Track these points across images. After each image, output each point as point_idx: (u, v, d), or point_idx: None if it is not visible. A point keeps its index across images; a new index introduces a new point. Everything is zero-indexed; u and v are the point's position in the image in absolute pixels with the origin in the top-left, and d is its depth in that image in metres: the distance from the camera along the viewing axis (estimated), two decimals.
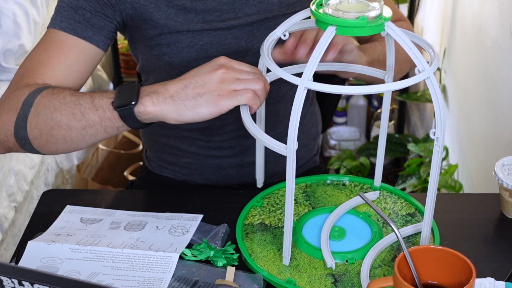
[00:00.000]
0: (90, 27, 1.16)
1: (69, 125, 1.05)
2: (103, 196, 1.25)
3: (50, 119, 1.06)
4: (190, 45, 1.23)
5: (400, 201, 1.19)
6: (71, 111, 1.05)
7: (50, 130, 1.07)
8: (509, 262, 1.06)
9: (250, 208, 1.16)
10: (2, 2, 1.94)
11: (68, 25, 1.15)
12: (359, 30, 0.90)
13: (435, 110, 0.94)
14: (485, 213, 1.18)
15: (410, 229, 1.11)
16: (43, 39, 1.18)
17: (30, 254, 1.04)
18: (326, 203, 1.18)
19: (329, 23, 0.90)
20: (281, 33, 1.02)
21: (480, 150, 1.95)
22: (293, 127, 0.90)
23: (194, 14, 1.21)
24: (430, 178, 0.99)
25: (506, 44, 1.70)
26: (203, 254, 1.05)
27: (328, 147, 3.01)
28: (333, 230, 1.10)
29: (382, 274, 1.02)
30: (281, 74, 0.94)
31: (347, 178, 1.24)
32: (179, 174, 1.42)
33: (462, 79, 2.19)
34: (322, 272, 1.02)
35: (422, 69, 0.92)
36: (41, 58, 1.15)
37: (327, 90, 0.89)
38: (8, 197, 1.75)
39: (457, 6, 2.26)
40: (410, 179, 2.29)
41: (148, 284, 0.99)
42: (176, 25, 1.21)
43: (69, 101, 1.06)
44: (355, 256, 1.05)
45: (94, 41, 1.17)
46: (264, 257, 1.05)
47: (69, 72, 1.15)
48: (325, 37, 0.90)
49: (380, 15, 0.92)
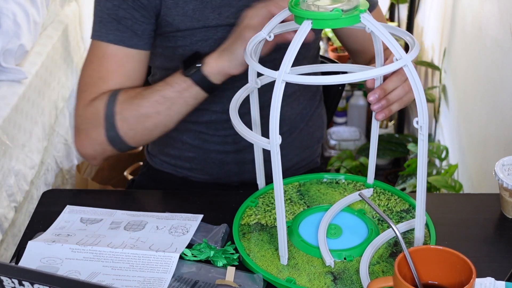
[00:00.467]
0: (134, 35, 1.23)
1: (156, 112, 1.19)
2: (103, 196, 1.25)
3: (139, 116, 1.20)
4: (204, 39, 1.26)
5: (394, 197, 1.19)
6: (153, 99, 1.19)
7: (142, 125, 1.21)
8: (509, 262, 1.06)
9: (245, 208, 1.16)
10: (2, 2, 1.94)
11: (115, 37, 1.22)
12: (334, 22, 0.92)
13: (415, 99, 0.94)
14: (485, 213, 1.18)
15: (404, 226, 1.12)
16: (93, 53, 1.25)
17: (30, 254, 1.04)
18: (320, 202, 1.19)
19: (304, 17, 0.92)
20: (267, 34, 1.03)
21: (480, 150, 1.95)
22: (274, 120, 0.91)
23: (210, 9, 1.24)
24: (417, 169, 1.00)
25: (506, 44, 1.70)
26: (203, 254, 1.05)
27: (328, 147, 3.01)
28: (329, 228, 1.10)
29: (380, 271, 1.02)
30: (260, 69, 0.95)
31: (342, 176, 1.24)
32: (180, 169, 1.42)
33: (462, 79, 2.19)
34: (321, 270, 1.03)
35: (399, 57, 0.92)
36: (101, 74, 1.24)
37: (304, 81, 0.91)
38: (8, 197, 1.75)
39: (457, 6, 2.26)
40: (410, 179, 2.29)
41: (148, 284, 0.99)
42: (193, 22, 1.24)
43: (147, 94, 1.19)
44: (353, 254, 1.05)
45: (140, 46, 1.24)
46: (262, 256, 1.06)
47: (130, 81, 1.25)
48: (301, 31, 0.91)
49: (356, 7, 0.93)
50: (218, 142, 1.37)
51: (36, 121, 1.99)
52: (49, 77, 2.15)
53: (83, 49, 2.58)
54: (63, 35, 2.34)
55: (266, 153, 1.17)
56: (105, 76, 1.24)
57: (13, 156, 1.79)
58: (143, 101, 1.20)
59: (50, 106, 2.15)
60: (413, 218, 1.13)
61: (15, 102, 1.82)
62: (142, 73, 1.27)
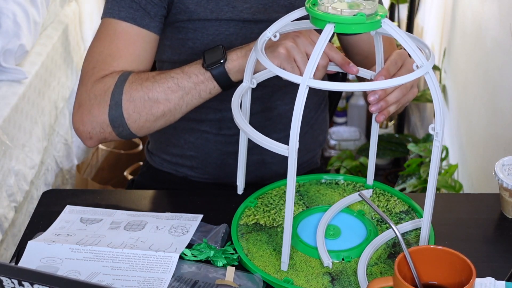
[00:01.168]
0: (147, 15, 1.20)
1: (167, 99, 1.15)
2: (103, 196, 1.25)
3: (147, 100, 1.15)
4: (216, 33, 1.25)
5: (393, 198, 1.19)
6: (166, 86, 1.15)
7: (149, 109, 1.16)
8: (509, 262, 1.06)
9: (244, 209, 1.16)
10: (2, 2, 1.94)
11: (127, 15, 1.20)
12: (358, 27, 0.91)
13: (434, 106, 0.94)
14: (485, 213, 1.18)
15: (404, 227, 1.11)
16: (103, 30, 1.22)
17: (30, 254, 1.04)
18: (320, 202, 1.18)
19: (327, 21, 0.91)
20: (272, 34, 1.02)
21: (480, 150, 1.95)
22: (296, 126, 0.90)
23: (225, 2, 1.23)
24: (429, 175, 0.99)
25: (506, 44, 1.70)
26: (203, 254, 1.05)
27: (328, 147, 3.01)
28: (328, 229, 1.10)
29: (378, 272, 1.02)
30: (280, 73, 0.94)
31: (342, 177, 1.24)
32: (181, 169, 1.42)
33: (462, 79, 2.19)
34: (319, 270, 1.02)
35: (421, 64, 0.92)
36: (111, 51, 1.20)
37: (329, 87, 0.90)
38: (8, 197, 1.75)
39: (457, 6, 2.26)
40: (410, 179, 2.29)
41: (148, 284, 0.99)
42: (206, 12, 1.23)
43: (160, 78, 1.15)
44: (351, 255, 1.05)
45: (151, 28, 1.21)
46: (260, 256, 1.05)
47: (138, 61, 1.21)
48: (325, 35, 0.90)
49: (376, 12, 0.93)
50: (221, 141, 1.37)
51: (36, 121, 1.99)
52: (49, 77, 2.15)
53: (83, 49, 2.58)
54: (63, 35, 2.35)
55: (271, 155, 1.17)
56: (115, 53, 1.20)
57: (13, 156, 1.79)
58: (155, 85, 1.15)
59: (50, 106, 2.15)
60: (412, 220, 1.13)
61: (15, 102, 1.82)
62: (150, 57, 1.24)
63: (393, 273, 0.89)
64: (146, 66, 1.23)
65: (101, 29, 1.23)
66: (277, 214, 1.15)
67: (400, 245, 0.95)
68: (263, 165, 1.36)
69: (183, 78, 1.15)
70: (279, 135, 1.32)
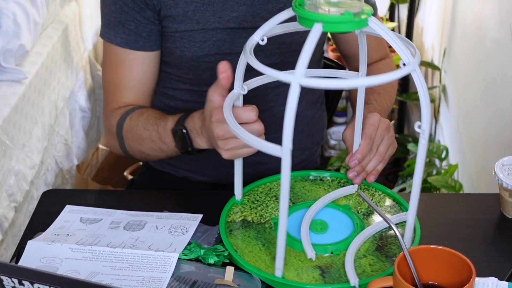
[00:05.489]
0: (140, 38, 1.26)
1: (153, 154, 1.27)
2: (103, 196, 1.25)
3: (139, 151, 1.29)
4: (203, 41, 1.25)
5: (378, 193, 1.21)
6: (150, 146, 1.25)
7: (141, 154, 1.30)
8: (509, 262, 1.06)
9: (231, 206, 1.17)
10: (2, 2, 1.93)
11: (122, 41, 1.26)
12: (346, 25, 0.91)
13: (421, 104, 0.95)
14: (485, 213, 1.18)
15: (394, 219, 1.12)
16: (107, 56, 1.31)
17: (30, 254, 1.04)
18: (305, 198, 1.20)
19: (315, 20, 0.91)
20: (260, 37, 1.01)
21: (480, 150, 1.95)
22: (289, 125, 0.89)
23: (211, 12, 1.23)
24: (415, 171, 1.00)
25: (506, 44, 1.70)
26: (193, 253, 1.05)
27: (328, 147, 3.01)
28: (315, 224, 1.11)
29: (368, 264, 1.03)
30: (272, 73, 0.92)
31: (327, 174, 1.26)
32: (180, 169, 1.42)
33: (462, 79, 2.19)
34: (309, 264, 1.03)
35: (408, 62, 0.92)
36: (115, 81, 1.31)
37: (321, 86, 0.89)
38: (8, 197, 1.75)
39: (457, 6, 2.26)
40: (410, 179, 2.29)
41: (148, 284, 0.99)
42: (192, 23, 1.24)
43: (145, 138, 1.24)
44: (339, 248, 1.06)
45: (147, 48, 1.27)
46: (249, 252, 1.06)
47: (140, 84, 1.30)
48: (313, 34, 0.89)
49: (363, 11, 0.93)
50: None
51: (36, 121, 1.99)
52: (49, 77, 2.15)
53: (83, 49, 2.58)
54: (63, 35, 2.34)
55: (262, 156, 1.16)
56: (118, 82, 1.29)
57: (13, 156, 1.79)
58: (143, 141, 1.25)
59: (50, 106, 2.15)
60: (397, 213, 1.14)
61: (15, 102, 1.82)
62: (153, 74, 1.31)
63: (393, 273, 0.89)
64: (150, 84, 1.32)
65: (105, 54, 1.32)
66: (264, 211, 1.16)
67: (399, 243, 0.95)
68: (261, 165, 1.36)
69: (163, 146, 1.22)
70: (275, 136, 1.32)
